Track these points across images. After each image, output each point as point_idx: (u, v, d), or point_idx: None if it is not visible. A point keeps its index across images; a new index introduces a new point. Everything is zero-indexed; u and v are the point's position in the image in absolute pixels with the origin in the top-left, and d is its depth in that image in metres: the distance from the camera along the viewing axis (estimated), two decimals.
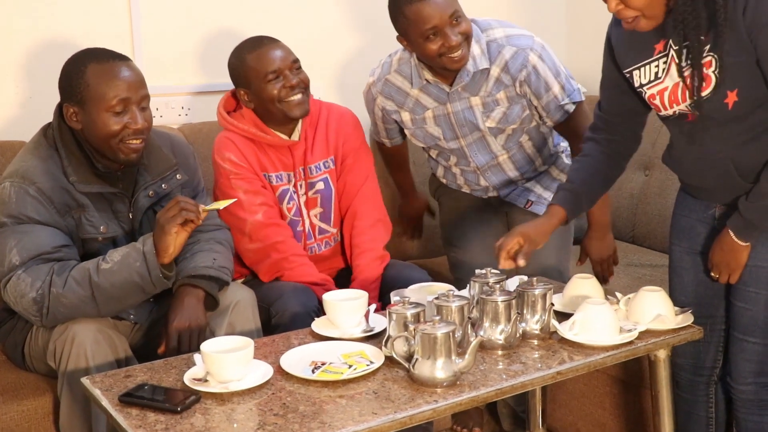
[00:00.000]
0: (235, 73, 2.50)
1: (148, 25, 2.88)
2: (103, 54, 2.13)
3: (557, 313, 2.03)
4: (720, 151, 1.96)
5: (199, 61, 3.01)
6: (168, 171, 2.25)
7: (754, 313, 2.01)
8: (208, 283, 2.18)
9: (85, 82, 2.08)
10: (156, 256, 2.02)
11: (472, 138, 2.61)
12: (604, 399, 2.63)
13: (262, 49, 2.45)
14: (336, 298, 2.05)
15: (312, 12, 3.16)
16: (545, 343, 1.95)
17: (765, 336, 2.01)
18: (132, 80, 2.11)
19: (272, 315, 2.39)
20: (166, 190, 2.24)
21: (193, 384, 1.74)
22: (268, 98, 2.44)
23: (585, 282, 2.13)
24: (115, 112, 2.08)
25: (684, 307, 2.06)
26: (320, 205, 2.61)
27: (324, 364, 1.82)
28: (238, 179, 2.49)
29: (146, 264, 2.02)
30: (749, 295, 2.01)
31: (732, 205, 2.00)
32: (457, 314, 1.89)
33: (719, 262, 2.02)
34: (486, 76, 2.50)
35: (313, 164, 2.58)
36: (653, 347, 1.97)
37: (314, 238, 2.62)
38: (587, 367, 1.88)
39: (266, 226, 2.50)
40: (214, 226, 2.36)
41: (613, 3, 1.86)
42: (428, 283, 2.27)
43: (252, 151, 2.51)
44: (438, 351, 1.73)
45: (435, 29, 2.34)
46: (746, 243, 1.96)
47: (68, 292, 2.00)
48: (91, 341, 2.01)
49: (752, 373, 2.04)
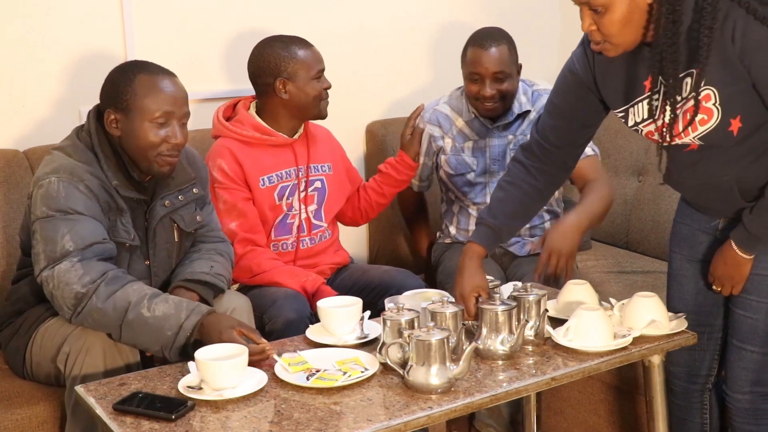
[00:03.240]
0: (277, 63, 2.57)
1: (141, 34, 2.87)
2: (152, 67, 2.17)
3: (551, 318, 2.03)
4: (724, 174, 1.93)
5: (191, 70, 3.01)
6: (186, 183, 2.27)
7: (755, 321, 2.00)
8: (203, 288, 2.19)
9: (133, 91, 2.10)
10: (188, 338, 1.99)
11: (499, 175, 2.65)
12: (599, 406, 2.63)
13: (312, 48, 2.61)
14: (330, 305, 2.05)
15: (307, 27, 3.15)
16: (540, 349, 1.95)
17: (764, 345, 2.00)
18: (177, 96, 2.15)
19: (265, 322, 2.40)
20: (182, 201, 2.25)
21: (187, 392, 1.74)
22: (313, 94, 2.58)
23: (579, 288, 2.13)
24: (158, 124, 2.11)
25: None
26: (315, 202, 2.70)
27: (319, 371, 1.82)
28: (221, 189, 2.55)
29: (176, 336, 1.98)
30: (750, 304, 2.00)
31: (735, 217, 1.98)
32: (451, 321, 1.89)
33: (722, 276, 2.01)
34: (525, 117, 2.80)
35: (314, 164, 2.69)
36: (647, 353, 1.97)
37: (307, 232, 2.69)
38: (582, 372, 1.88)
39: (240, 240, 2.55)
40: (217, 239, 2.38)
41: (587, 22, 1.82)
42: (422, 290, 2.28)
43: (249, 156, 2.57)
44: (432, 357, 1.73)
45: (478, 76, 2.70)
46: (750, 256, 1.95)
47: (104, 309, 1.99)
48: (100, 348, 2.01)
49: (749, 382, 2.04)
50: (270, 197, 2.61)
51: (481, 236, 2.11)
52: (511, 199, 2.12)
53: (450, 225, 2.94)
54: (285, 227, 2.66)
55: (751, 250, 1.94)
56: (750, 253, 1.95)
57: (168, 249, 2.25)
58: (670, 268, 2.21)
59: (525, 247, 2.85)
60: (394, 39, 3.39)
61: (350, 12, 3.27)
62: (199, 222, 2.30)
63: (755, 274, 1.97)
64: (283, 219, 2.65)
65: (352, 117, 3.22)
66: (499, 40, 2.71)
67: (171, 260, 2.27)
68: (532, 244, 2.82)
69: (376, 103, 3.37)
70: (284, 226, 2.66)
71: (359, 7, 3.29)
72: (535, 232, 2.87)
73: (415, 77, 3.46)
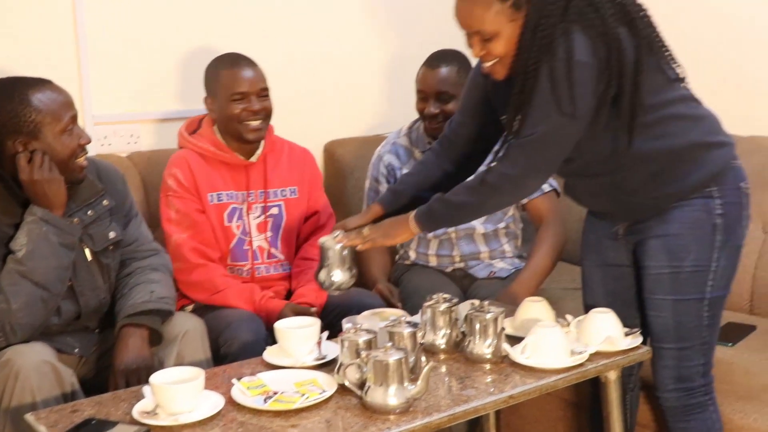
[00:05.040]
0: (208, 80, 2.63)
1: (95, 53, 2.85)
2: (33, 81, 2.12)
3: (509, 336, 2.04)
4: (602, 177, 2.05)
5: (148, 90, 2.99)
6: (93, 197, 2.22)
7: (664, 319, 2.08)
8: (149, 318, 2.16)
9: (35, 110, 2.06)
10: (52, 212, 2.07)
11: None
12: (557, 423, 2.64)
13: (237, 68, 2.58)
14: (288, 326, 2.04)
15: (264, 47, 3.15)
16: (497, 367, 1.96)
17: (678, 340, 2.08)
18: (69, 99, 2.14)
19: (221, 344, 2.37)
20: (92, 216, 2.21)
21: (142, 417, 1.71)
22: (229, 116, 2.56)
23: (536, 305, 2.14)
24: (69, 131, 2.10)
25: (631, 328, 2.08)
26: (270, 229, 2.65)
27: (276, 393, 1.80)
28: (174, 197, 2.55)
29: (50, 224, 2.06)
30: (656, 302, 2.09)
31: (633, 222, 2.11)
32: (409, 340, 1.89)
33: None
34: None
35: (272, 189, 2.65)
36: (603, 369, 1.99)
37: (261, 260, 2.66)
38: (539, 390, 1.89)
39: (191, 249, 2.53)
40: (150, 251, 2.34)
41: (477, 49, 1.96)
42: (380, 309, 2.28)
43: (203, 169, 2.58)
44: (390, 377, 1.72)
45: (424, 94, 2.75)
46: (416, 231, 2.08)
47: (12, 298, 1.99)
48: (36, 374, 1.95)
49: (672, 379, 2.11)
50: (219, 216, 2.60)
51: (382, 197, 2.25)
52: (416, 174, 2.25)
53: (409, 250, 2.95)
54: (242, 253, 2.63)
55: (421, 224, 2.06)
56: (420, 227, 2.06)
57: (88, 267, 2.20)
58: (582, 275, 2.31)
59: (485, 270, 2.86)
60: (352, 59, 3.40)
61: (308, 32, 3.28)
62: (112, 239, 2.24)
63: (656, 273, 2.07)
64: (239, 243, 2.63)
65: (309, 136, 3.21)
66: (450, 61, 2.73)
67: (95, 278, 2.22)
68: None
69: (333, 123, 3.38)
70: (241, 252, 2.63)
71: (317, 27, 3.30)
72: (494, 255, 2.88)
73: (372, 97, 3.47)
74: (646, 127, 1.95)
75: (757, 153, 2.86)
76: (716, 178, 2.03)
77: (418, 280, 2.83)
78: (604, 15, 1.87)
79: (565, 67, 1.84)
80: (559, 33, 1.85)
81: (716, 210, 2.03)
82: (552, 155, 1.96)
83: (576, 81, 1.85)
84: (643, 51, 1.92)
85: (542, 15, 1.86)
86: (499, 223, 2.85)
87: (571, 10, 1.86)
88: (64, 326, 2.19)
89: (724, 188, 2.04)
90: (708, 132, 2.05)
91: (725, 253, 2.05)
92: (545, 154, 1.95)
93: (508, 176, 1.97)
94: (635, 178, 2.03)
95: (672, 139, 2.00)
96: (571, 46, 1.84)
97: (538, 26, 1.86)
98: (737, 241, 2.08)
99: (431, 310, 2.04)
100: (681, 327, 2.07)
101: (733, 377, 2.37)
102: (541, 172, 2.00)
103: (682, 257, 2.04)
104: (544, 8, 1.86)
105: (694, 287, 2.05)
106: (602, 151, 2.00)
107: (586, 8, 1.87)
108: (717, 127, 2.08)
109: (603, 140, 1.97)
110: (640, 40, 1.91)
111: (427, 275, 2.86)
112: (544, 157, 1.95)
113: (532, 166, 1.96)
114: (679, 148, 2.01)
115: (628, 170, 2.02)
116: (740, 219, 2.08)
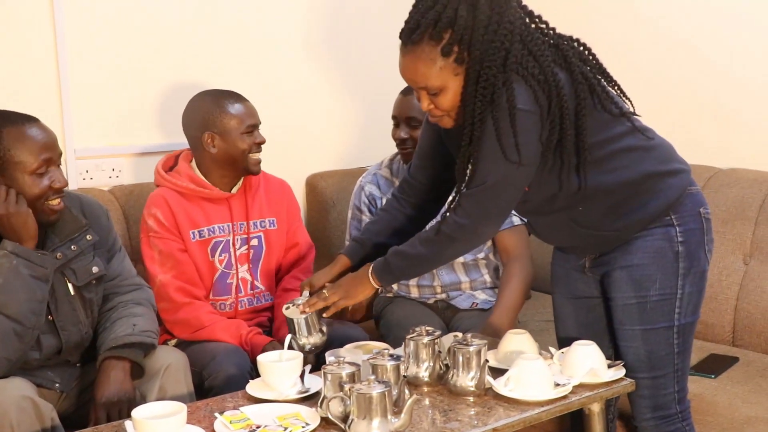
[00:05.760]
0: (207, 118, 2.57)
1: (76, 88, 2.85)
2: (14, 116, 2.11)
3: (492, 369, 2.04)
4: (560, 213, 2.07)
5: (130, 124, 2.99)
6: (77, 232, 2.20)
7: (636, 349, 2.09)
8: (131, 351, 2.15)
9: (4, 147, 2.04)
10: (22, 245, 2.05)
11: None
12: None
13: (242, 102, 2.61)
14: (271, 360, 2.03)
15: (245, 80, 3.17)
16: (481, 400, 1.95)
17: (651, 369, 2.09)
18: (50, 140, 2.11)
19: (205, 378, 2.36)
20: (75, 251, 2.19)
21: None
22: (240, 149, 2.56)
23: (519, 337, 2.14)
24: (38, 174, 2.07)
25: (613, 360, 2.09)
26: (250, 260, 2.65)
27: (259, 427, 1.79)
28: (156, 238, 2.54)
29: (20, 257, 2.03)
30: (626, 333, 2.11)
31: (598, 255, 2.13)
32: (392, 373, 1.89)
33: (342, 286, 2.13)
34: None
35: (253, 220, 2.64)
36: (587, 401, 1.99)
37: (245, 292, 2.65)
38: (523, 422, 1.88)
39: (176, 289, 2.53)
40: (133, 286, 2.33)
41: (425, 103, 1.97)
42: (363, 342, 2.27)
43: (183, 208, 2.56)
44: (374, 411, 1.71)
45: (396, 119, 2.78)
46: (376, 285, 2.09)
47: None
48: (15, 410, 1.93)
49: (648, 408, 2.12)
50: (203, 252, 2.58)
51: (347, 248, 2.25)
52: (379, 221, 2.26)
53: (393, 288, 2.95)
54: (224, 287, 2.62)
55: (379, 278, 2.08)
56: (379, 281, 2.08)
57: (70, 301, 2.18)
58: (553, 308, 2.32)
59: (467, 301, 2.87)
60: (333, 92, 3.42)
61: (288, 66, 3.30)
62: (96, 273, 2.22)
63: (623, 304, 2.09)
64: (221, 277, 2.62)
65: (290, 170, 3.22)
66: None
67: (77, 313, 2.20)
68: None
69: (314, 156, 3.39)
70: (223, 286, 2.62)
71: (297, 61, 3.32)
72: (476, 286, 2.89)
73: (353, 129, 3.49)
74: (596, 163, 1.98)
75: (735, 185, 2.89)
76: (673, 206, 2.05)
77: (401, 312, 2.83)
78: (543, 63, 1.90)
79: (508, 116, 1.87)
80: (500, 83, 1.88)
81: (677, 237, 2.05)
82: (503, 202, 1.99)
83: (520, 129, 1.88)
84: (583, 94, 1.95)
85: (483, 67, 1.88)
86: (479, 253, 2.85)
87: (510, 60, 1.89)
88: (44, 361, 2.17)
89: (683, 215, 2.06)
90: (660, 161, 2.06)
91: (690, 280, 2.07)
92: (497, 201, 1.97)
93: (463, 226, 1.98)
94: (593, 213, 2.05)
95: (624, 172, 2.02)
96: (512, 96, 1.87)
97: (479, 78, 1.89)
98: (701, 267, 2.09)
99: (414, 342, 2.04)
100: (653, 356, 2.08)
101: (717, 409, 2.37)
102: (494, 219, 2.01)
103: (647, 287, 2.06)
104: (484, 60, 1.88)
105: (661, 316, 2.07)
106: (551, 191, 2.02)
107: (525, 57, 1.90)
108: (670, 154, 2.10)
109: (550, 182, 2.00)
110: (578, 85, 1.94)
111: (409, 307, 2.86)
112: (496, 205, 1.98)
113: (485, 215, 1.98)
114: (633, 180, 2.02)
115: (584, 205, 2.04)
116: (702, 244, 2.09)
